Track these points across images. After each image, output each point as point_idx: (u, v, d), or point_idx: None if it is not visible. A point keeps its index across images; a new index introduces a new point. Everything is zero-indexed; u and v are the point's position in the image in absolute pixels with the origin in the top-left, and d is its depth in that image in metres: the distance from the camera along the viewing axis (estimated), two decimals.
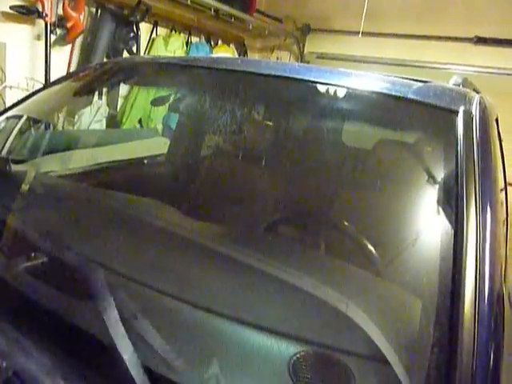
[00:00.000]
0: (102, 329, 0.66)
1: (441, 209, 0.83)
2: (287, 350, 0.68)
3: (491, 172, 0.84)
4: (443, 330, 0.61)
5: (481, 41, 4.08)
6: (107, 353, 0.61)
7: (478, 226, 0.72)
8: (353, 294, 0.80)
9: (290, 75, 1.14)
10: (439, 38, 4.22)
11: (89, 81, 1.54)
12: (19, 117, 1.49)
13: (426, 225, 0.90)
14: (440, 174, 0.93)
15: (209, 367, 0.65)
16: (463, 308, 0.62)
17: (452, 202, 0.78)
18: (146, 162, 2.02)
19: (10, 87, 2.77)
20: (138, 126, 3.53)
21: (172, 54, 3.63)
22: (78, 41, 3.15)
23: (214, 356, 0.67)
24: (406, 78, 1.14)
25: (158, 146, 2.19)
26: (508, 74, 3.97)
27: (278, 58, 5.06)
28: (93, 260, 0.87)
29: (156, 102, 1.97)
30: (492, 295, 0.65)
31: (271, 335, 0.71)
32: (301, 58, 5.01)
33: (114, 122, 3.32)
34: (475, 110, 0.95)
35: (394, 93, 1.03)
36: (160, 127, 3.52)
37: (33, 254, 0.86)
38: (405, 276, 0.84)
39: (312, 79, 1.12)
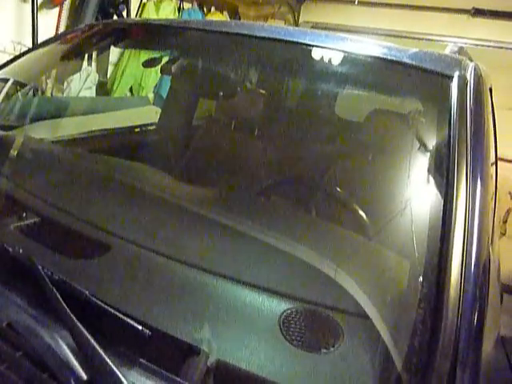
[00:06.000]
0: (94, 284, 0.67)
1: (432, 175, 0.83)
2: (278, 306, 0.70)
3: (483, 138, 0.84)
4: (430, 287, 0.63)
5: (478, 13, 4.02)
6: (98, 308, 0.62)
7: (468, 193, 0.72)
8: (343, 255, 0.81)
9: (285, 38, 1.11)
10: (436, 9, 4.15)
11: (78, 43, 1.49)
12: (5, 80, 1.45)
13: (417, 191, 0.90)
14: (432, 141, 0.93)
15: (202, 323, 0.66)
16: (450, 266, 0.63)
17: (444, 167, 0.79)
18: (137, 130, 1.99)
19: None
20: (128, 94, 3.47)
21: None
22: (66, 4, 3.04)
23: (208, 313, 0.69)
24: None
25: (150, 114, 2.16)
26: (505, 48, 3.93)
27: None
28: (84, 220, 0.87)
29: (147, 64, 1.93)
30: (479, 255, 0.66)
31: (262, 293, 0.72)
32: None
33: (104, 89, 3.26)
34: (470, 76, 0.94)
35: (389, 57, 1.02)
36: (151, 96, 3.47)
37: (24, 215, 0.86)
38: (394, 239, 0.85)
39: (307, 42, 1.10)
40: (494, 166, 1.42)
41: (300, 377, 0.62)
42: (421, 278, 0.66)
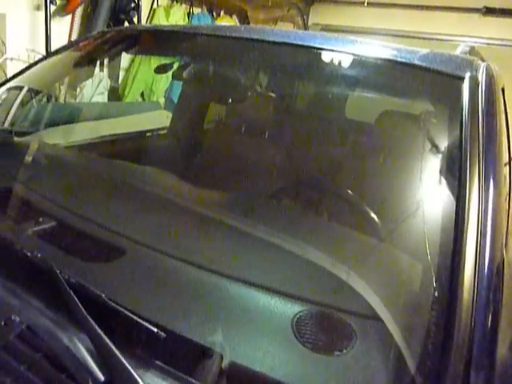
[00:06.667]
0: (110, 288, 0.68)
1: (444, 177, 0.83)
2: (291, 309, 0.70)
3: (496, 139, 0.83)
4: (443, 289, 0.63)
5: (489, 11, 3.98)
6: (115, 311, 0.63)
7: (481, 193, 0.72)
8: (355, 258, 0.81)
9: (295, 42, 1.12)
10: (447, 8, 4.12)
11: (90, 50, 1.52)
12: (20, 88, 1.48)
13: (429, 193, 0.90)
14: (444, 143, 0.93)
15: (216, 326, 0.67)
16: (463, 270, 0.63)
17: (455, 170, 0.78)
18: (148, 134, 2.02)
19: (11, 59, 2.74)
20: (139, 98, 3.51)
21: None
22: (79, 11, 3.09)
23: (222, 315, 0.70)
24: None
25: (161, 119, 2.18)
26: None
27: None
28: (98, 224, 0.89)
29: (159, 70, 1.95)
30: (492, 257, 0.66)
31: (275, 296, 0.73)
32: (304, 29, 4.91)
33: (115, 94, 3.30)
34: (481, 77, 0.94)
35: (399, 59, 1.02)
36: (162, 101, 3.50)
37: (41, 219, 0.87)
38: (407, 241, 0.85)
39: (316, 46, 1.10)
40: (508, 167, 1.40)
41: (313, 379, 0.62)
42: (434, 280, 0.66)
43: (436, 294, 0.63)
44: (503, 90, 1.36)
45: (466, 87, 0.90)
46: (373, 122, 1.35)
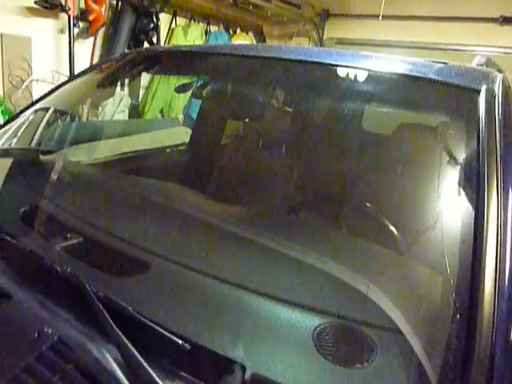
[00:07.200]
0: (136, 301, 0.71)
1: (462, 189, 0.83)
2: (312, 321, 0.71)
3: None
4: (463, 302, 0.63)
5: (507, 21, 3.95)
6: (141, 323, 0.66)
7: (499, 205, 0.72)
8: (375, 272, 0.82)
9: (311, 59, 1.15)
10: (463, 19, 4.11)
11: (112, 72, 1.58)
12: (46, 109, 1.55)
13: (448, 205, 0.90)
14: (462, 155, 0.93)
15: (239, 338, 0.68)
16: (483, 282, 0.63)
17: (473, 182, 0.79)
18: (168, 150, 2.06)
19: (37, 80, 2.86)
20: (159, 115, 3.59)
21: (191, 44, 3.66)
22: (100, 33, 3.21)
23: (244, 328, 0.71)
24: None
25: (180, 135, 2.23)
26: None
27: (296, 45, 5.02)
28: (123, 239, 0.92)
29: (180, 89, 2.00)
30: None
31: (296, 309, 0.74)
32: (320, 43, 4.96)
33: (136, 112, 3.39)
34: (498, 89, 0.94)
35: (415, 73, 1.04)
36: (181, 117, 3.57)
37: (68, 235, 0.91)
38: (426, 254, 0.85)
39: (331, 62, 1.13)
40: None
41: None
42: (454, 293, 0.66)
43: (456, 306, 0.64)
44: None
45: (482, 100, 0.90)
46: (390, 135, 1.36)
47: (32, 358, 0.62)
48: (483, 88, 0.93)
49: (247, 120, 1.35)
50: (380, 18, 3.85)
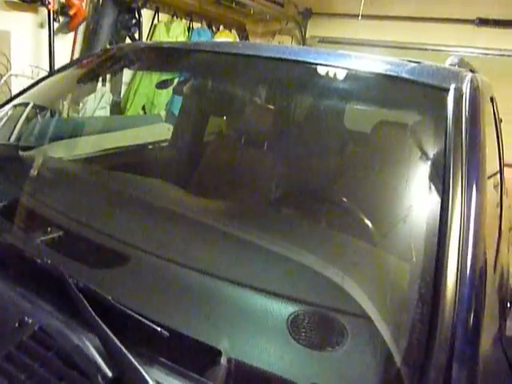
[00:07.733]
0: (116, 291, 0.73)
1: (430, 184, 0.87)
2: (286, 309, 0.74)
3: (479, 147, 0.87)
4: (428, 289, 0.67)
5: (483, 22, 4.06)
6: (120, 312, 0.68)
7: (463, 200, 0.76)
8: (347, 261, 0.86)
9: (291, 57, 1.18)
10: (440, 19, 4.20)
11: (93, 67, 1.58)
12: (26, 104, 1.54)
13: (417, 200, 0.95)
14: (431, 152, 0.97)
15: (217, 325, 0.71)
16: (446, 271, 0.67)
17: (440, 178, 0.82)
18: (150, 146, 2.07)
19: (16, 75, 2.81)
20: (141, 112, 3.58)
21: (174, 40, 3.65)
22: (81, 28, 3.18)
23: (222, 316, 0.74)
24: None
25: (162, 131, 2.23)
26: (510, 56, 3.96)
27: (279, 43, 5.05)
28: (102, 232, 0.93)
29: (160, 85, 2.01)
30: (474, 259, 0.70)
31: (272, 297, 0.77)
32: (303, 42, 5.00)
33: (118, 108, 3.37)
34: (466, 88, 0.98)
35: (389, 72, 1.07)
36: (163, 114, 3.57)
37: (48, 229, 0.92)
38: (396, 245, 0.90)
39: (311, 61, 1.16)
40: (499, 174, 1.44)
41: (307, 373, 0.66)
42: (419, 281, 0.70)
43: (421, 293, 0.68)
44: (492, 100, 1.40)
45: (450, 98, 0.94)
46: (368, 132, 1.40)
47: (12, 347, 0.63)
48: (452, 87, 0.97)
49: (227, 117, 1.37)
50: (359, 17, 3.91)
